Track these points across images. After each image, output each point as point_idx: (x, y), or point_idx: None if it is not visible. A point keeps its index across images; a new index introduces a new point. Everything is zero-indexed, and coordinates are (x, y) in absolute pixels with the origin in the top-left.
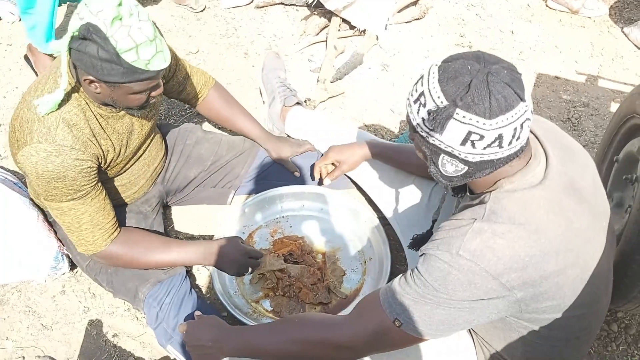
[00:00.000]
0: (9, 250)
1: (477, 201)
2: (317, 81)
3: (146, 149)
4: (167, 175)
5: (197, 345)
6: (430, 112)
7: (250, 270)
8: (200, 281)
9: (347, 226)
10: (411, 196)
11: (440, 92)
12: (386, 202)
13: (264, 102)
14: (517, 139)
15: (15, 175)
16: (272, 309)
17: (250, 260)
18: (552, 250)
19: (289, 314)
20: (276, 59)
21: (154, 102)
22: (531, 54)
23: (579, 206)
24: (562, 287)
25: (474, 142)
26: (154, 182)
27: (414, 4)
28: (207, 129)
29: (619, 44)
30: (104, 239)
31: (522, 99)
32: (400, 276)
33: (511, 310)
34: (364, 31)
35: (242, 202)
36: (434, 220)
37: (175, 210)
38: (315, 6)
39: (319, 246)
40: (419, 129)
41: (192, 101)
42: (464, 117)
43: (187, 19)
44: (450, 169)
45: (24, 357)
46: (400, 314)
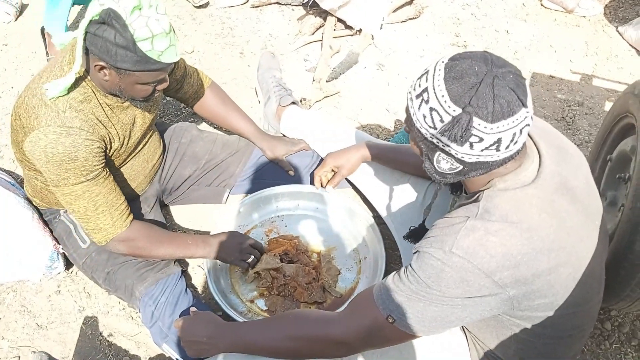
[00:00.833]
0: (4, 249)
1: (471, 200)
2: (313, 81)
3: (145, 144)
4: (163, 173)
5: (192, 340)
6: (443, 120)
7: (252, 258)
8: (195, 280)
9: (342, 225)
10: (406, 195)
11: (445, 91)
12: (381, 201)
13: (259, 102)
14: (515, 143)
15: (10, 175)
16: (267, 308)
17: (250, 247)
18: (545, 248)
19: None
20: (272, 58)
21: (156, 97)
22: (526, 53)
23: (571, 205)
24: (554, 285)
25: (473, 143)
26: (152, 181)
27: (409, 3)
28: (202, 128)
29: (613, 43)
30: (122, 219)
31: (525, 105)
32: (394, 273)
33: (504, 307)
34: (360, 31)
35: (237, 201)
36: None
37: (170, 209)
38: (310, 5)
39: (314, 245)
40: (417, 125)
41: (189, 100)
42: (479, 124)
43: (182, 18)
44: (445, 166)
45: (19, 357)
46: (393, 310)
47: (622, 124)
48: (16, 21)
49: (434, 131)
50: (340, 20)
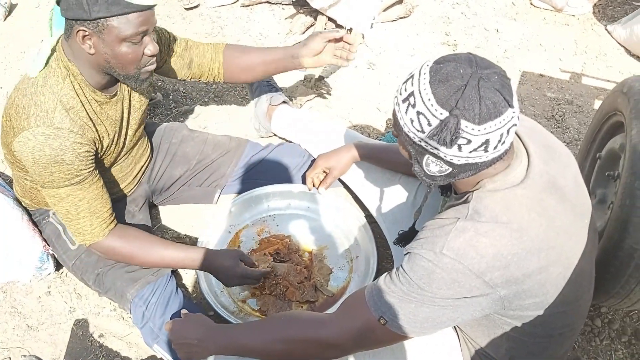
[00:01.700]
0: None
1: (461, 201)
2: (304, 80)
3: (134, 145)
4: (153, 174)
5: (183, 343)
6: (431, 124)
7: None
8: (186, 280)
9: (334, 224)
10: (397, 194)
11: (431, 95)
12: (372, 200)
13: (250, 101)
14: (503, 143)
15: None
16: (258, 308)
17: (247, 280)
18: (534, 248)
19: (275, 312)
20: None
21: (148, 82)
22: (516, 52)
23: (560, 205)
24: (544, 284)
25: (461, 145)
26: (140, 182)
27: (400, 2)
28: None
29: (602, 42)
30: (101, 228)
31: (511, 105)
32: (385, 274)
33: (494, 307)
34: (350, 30)
35: (228, 201)
36: (416, 218)
37: (161, 209)
38: (301, 5)
39: (306, 245)
40: (405, 129)
41: (211, 73)
42: (467, 126)
43: (172, 18)
44: (434, 169)
45: (9, 358)
46: (385, 312)
47: (611, 122)
48: (5, 21)
49: (423, 135)
50: (330, 19)
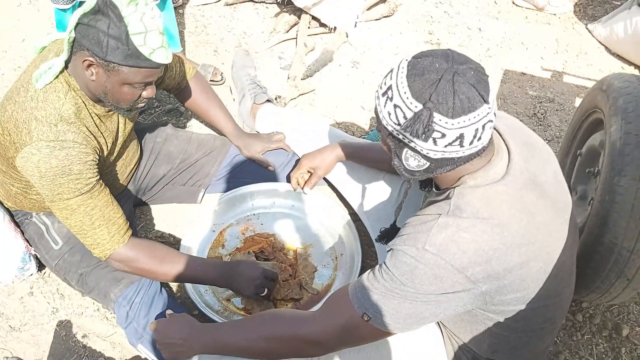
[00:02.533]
0: None
1: (442, 197)
2: (288, 78)
3: (125, 150)
4: (138, 173)
5: (167, 343)
6: (406, 117)
7: (265, 291)
8: None
9: (319, 222)
10: (381, 192)
11: (407, 88)
12: (356, 198)
13: (234, 100)
14: (479, 139)
15: None
16: (243, 306)
17: (266, 280)
18: (515, 243)
19: (260, 311)
20: (246, 56)
21: (135, 112)
22: (498, 51)
23: (540, 201)
24: (525, 279)
25: (436, 139)
26: (128, 183)
27: (383, 1)
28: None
29: (583, 41)
30: (120, 234)
31: (486, 101)
32: (368, 271)
33: (477, 302)
34: (334, 28)
35: (212, 200)
36: (397, 215)
37: (144, 209)
38: (285, 3)
39: (291, 243)
40: (384, 122)
41: (171, 91)
42: (440, 120)
43: None
44: (412, 163)
45: None
46: (368, 308)
47: (591, 120)
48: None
49: (399, 127)
50: (314, 18)
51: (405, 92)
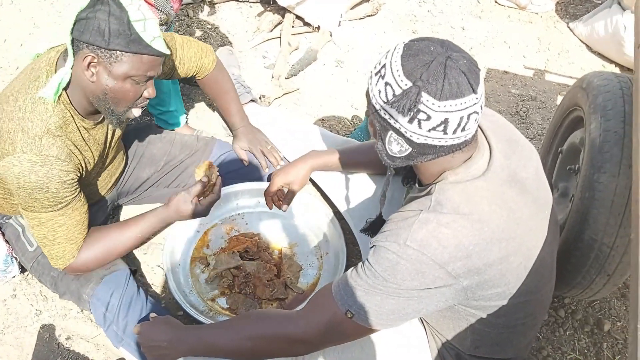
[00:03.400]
0: None
1: (424, 193)
2: (272, 78)
3: (112, 162)
4: (121, 177)
5: (152, 346)
6: (395, 94)
7: (206, 204)
8: (155, 280)
9: (303, 222)
10: (364, 190)
11: (399, 66)
12: (340, 197)
13: None
14: (462, 129)
15: None
16: (228, 306)
17: (200, 202)
18: (495, 238)
19: (245, 311)
20: (230, 55)
21: (126, 122)
22: (481, 49)
23: (520, 197)
24: (505, 274)
25: (421, 121)
26: (110, 190)
27: (367, 0)
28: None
29: (565, 39)
30: (72, 252)
31: (474, 91)
32: (351, 269)
33: (458, 298)
34: (318, 28)
35: None
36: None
37: (126, 208)
38: (268, 2)
39: (275, 242)
40: (373, 100)
41: (188, 80)
42: (427, 100)
43: None
44: (395, 148)
45: None
46: (352, 305)
47: (571, 117)
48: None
49: (387, 105)
50: (298, 17)
51: (397, 70)
